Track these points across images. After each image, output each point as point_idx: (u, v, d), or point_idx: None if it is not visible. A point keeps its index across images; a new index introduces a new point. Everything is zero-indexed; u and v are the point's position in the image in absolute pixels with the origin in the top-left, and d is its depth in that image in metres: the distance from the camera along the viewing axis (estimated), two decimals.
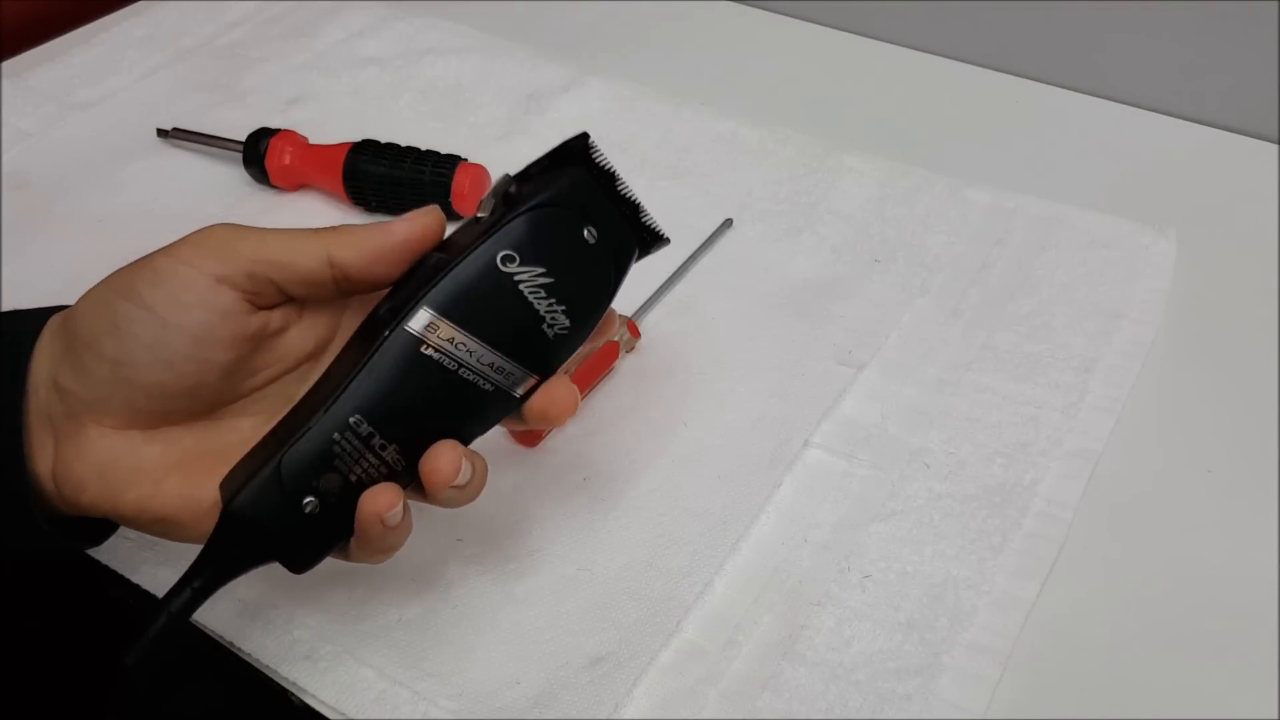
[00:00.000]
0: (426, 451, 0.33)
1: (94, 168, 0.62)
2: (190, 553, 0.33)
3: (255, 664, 0.39)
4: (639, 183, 0.35)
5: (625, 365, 0.50)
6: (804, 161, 0.60)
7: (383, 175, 0.57)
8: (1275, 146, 0.61)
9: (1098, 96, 0.65)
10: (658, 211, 0.37)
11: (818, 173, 0.60)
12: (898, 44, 0.71)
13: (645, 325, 0.51)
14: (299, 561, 0.34)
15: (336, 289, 0.34)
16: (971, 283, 0.53)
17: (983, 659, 0.39)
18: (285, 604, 0.41)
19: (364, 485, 0.33)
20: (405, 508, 0.33)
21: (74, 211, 0.59)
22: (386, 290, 0.35)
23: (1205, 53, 0.61)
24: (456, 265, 0.33)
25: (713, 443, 0.46)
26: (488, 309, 0.33)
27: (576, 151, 0.35)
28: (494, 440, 0.46)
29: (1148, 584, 0.41)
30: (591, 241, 0.34)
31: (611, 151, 0.36)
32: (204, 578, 0.33)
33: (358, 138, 0.59)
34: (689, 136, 0.62)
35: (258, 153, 0.59)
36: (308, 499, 0.32)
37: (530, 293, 0.33)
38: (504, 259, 0.33)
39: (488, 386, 0.34)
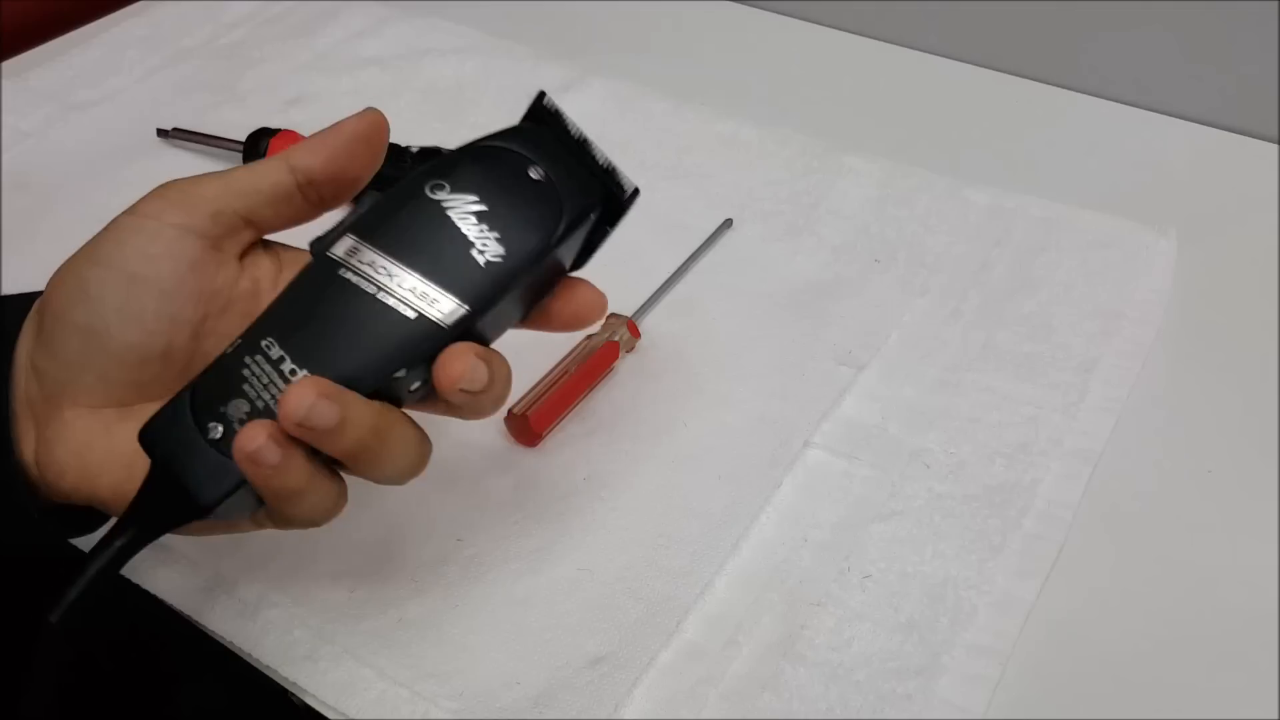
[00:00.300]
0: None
1: (94, 168, 0.62)
2: (187, 544, 0.33)
3: (255, 664, 0.39)
4: (638, 183, 0.35)
5: (625, 365, 0.50)
6: (804, 161, 0.60)
7: (383, 175, 0.56)
8: (1275, 146, 0.61)
9: (1098, 96, 0.65)
10: (658, 211, 0.37)
11: (818, 173, 0.60)
12: (898, 44, 0.71)
13: (645, 325, 0.51)
14: (203, 493, 0.30)
15: (305, 200, 0.34)
16: (971, 283, 0.53)
17: (983, 659, 0.39)
18: (285, 604, 0.41)
19: (272, 411, 0.30)
20: (294, 449, 0.30)
21: (74, 211, 0.59)
22: None
23: (1205, 53, 0.61)
24: (386, 194, 0.32)
25: (713, 443, 0.46)
26: (411, 233, 0.32)
27: (536, 110, 0.34)
28: (494, 440, 0.46)
29: (1148, 584, 0.41)
30: (538, 179, 0.33)
31: (611, 151, 0.35)
32: (130, 530, 0.31)
33: None
34: (689, 136, 0.62)
35: (258, 153, 0.59)
36: (213, 424, 0.30)
37: (459, 218, 0.32)
38: (433, 187, 0.32)
39: (409, 313, 0.31)
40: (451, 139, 0.59)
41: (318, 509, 0.32)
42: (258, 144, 0.59)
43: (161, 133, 0.64)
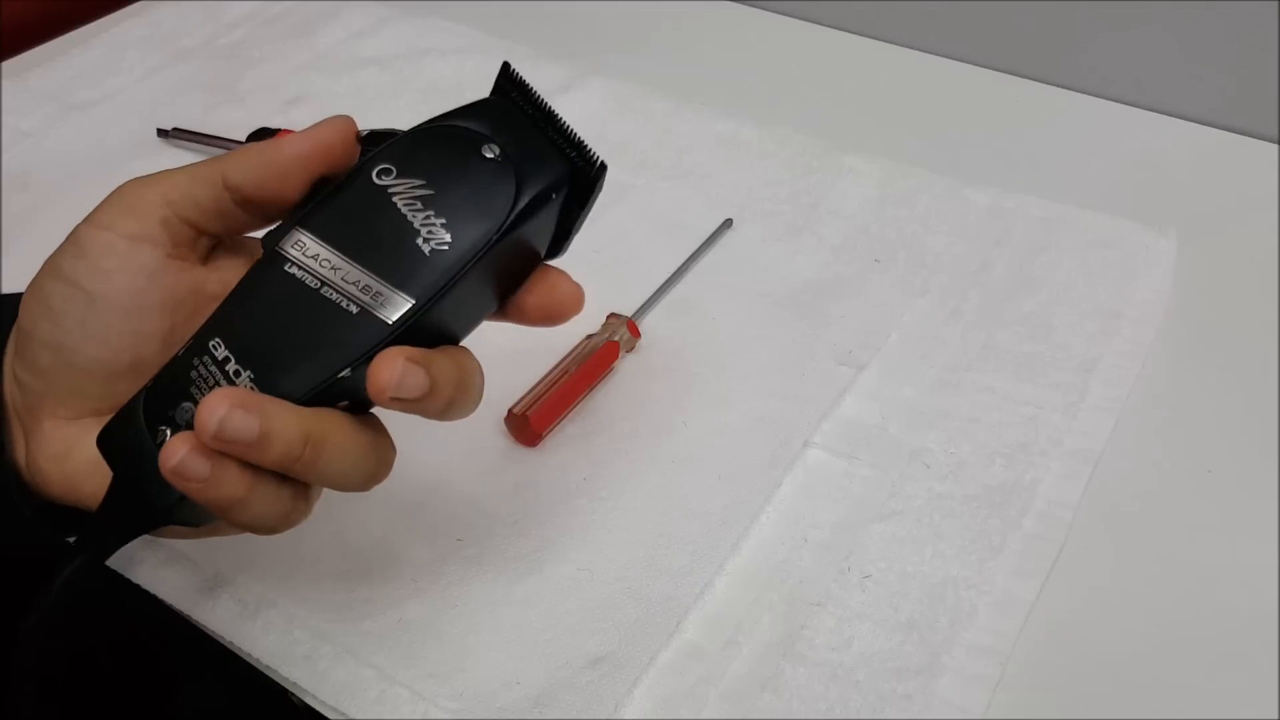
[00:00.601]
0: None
1: (94, 168, 0.62)
2: (187, 545, 0.32)
3: (255, 664, 0.39)
4: (638, 182, 0.35)
5: (625, 365, 0.50)
6: (804, 161, 0.60)
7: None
8: (1275, 146, 0.61)
9: (1098, 96, 0.65)
10: (658, 211, 0.37)
11: (818, 173, 0.60)
12: (898, 44, 0.71)
13: (645, 325, 0.51)
14: (157, 501, 0.29)
15: (247, 216, 0.32)
16: (971, 283, 0.53)
17: (983, 659, 0.39)
18: (285, 604, 0.41)
19: None
20: (224, 460, 0.28)
21: (74, 211, 0.59)
22: None
23: (1205, 53, 0.61)
24: (336, 184, 0.31)
25: (713, 443, 0.46)
26: (356, 224, 0.30)
27: (500, 84, 0.32)
28: (494, 440, 0.46)
29: (1148, 584, 0.41)
30: (492, 158, 0.30)
31: (611, 152, 0.35)
32: (97, 536, 0.30)
33: None
34: (689, 136, 0.62)
35: None
36: (162, 427, 0.29)
37: (404, 205, 0.30)
38: (380, 172, 0.30)
39: (352, 308, 0.29)
40: None
41: (268, 516, 0.30)
42: None
43: (161, 133, 0.64)
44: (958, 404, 0.47)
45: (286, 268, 0.30)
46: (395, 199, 0.30)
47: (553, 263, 0.33)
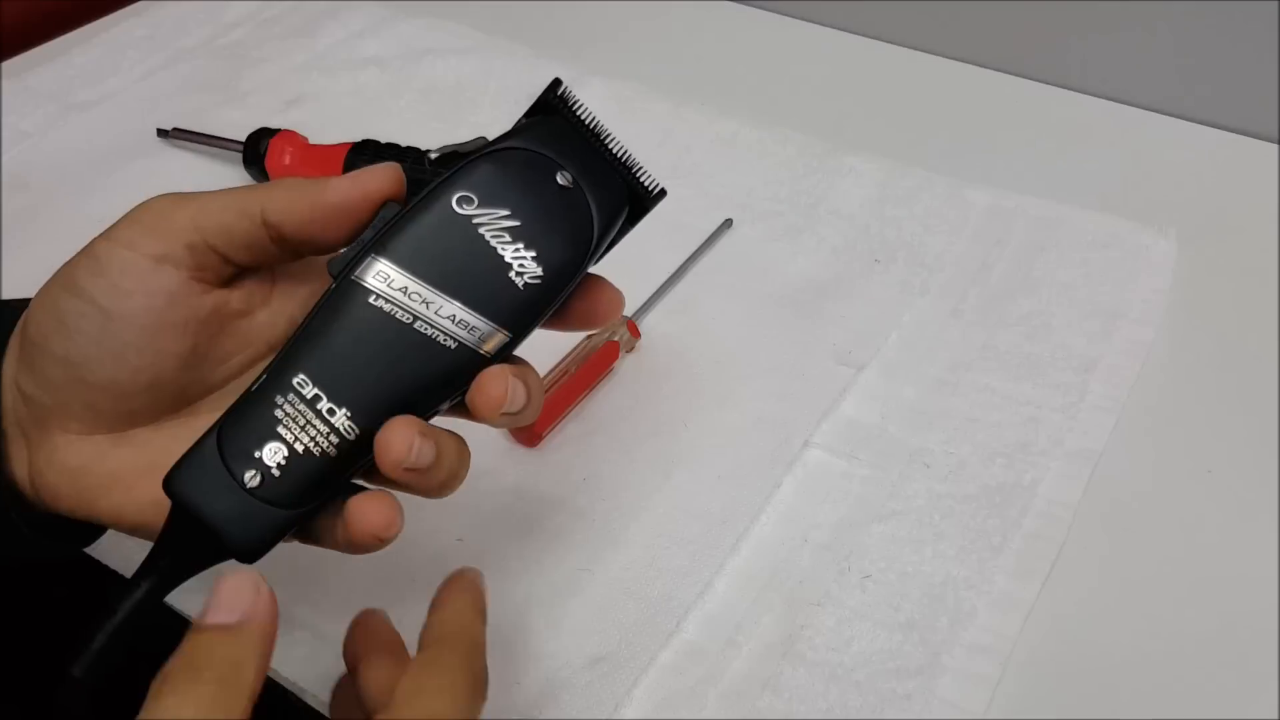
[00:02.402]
0: (383, 425, 0.29)
1: (94, 168, 0.62)
2: None
3: None
4: None
5: (625, 365, 0.50)
6: (804, 161, 0.60)
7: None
8: (1275, 146, 0.61)
9: (1098, 96, 0.66)
10: (658, 211, 0.37)
11: (818, 173, 0.60)
12: (898, 44, 0.71)
13: (645, 325, 0.51)
14: (246, 541, 0.29)
15: (280, 252, 0.31)
16: (971, 283, 0.53)
17: (983, 659, 0.39)
18: (285, 604, 0.40)
19: (313, 456, 0.29)
20: (399, 509, 0.30)
21: (74, 211, 0.59)
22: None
23: (1205, 53, 0.61)
24: (410, 208, 0.30)
25: (712, 443, 0.46)
26: (444, 255, 0.29)
27: (551, 101, 0.31)
28: (494, 440, 0.46)
29: (1148, 584, 0.41)
30: (567, 186, 0.30)
31: None
32: (154, 577, 0.29)
33: (358, 138, 0.59)
34: (689, 136, 0.62)
35: (258, 153, 0.59)
36: (249, 471, 0.29)
37: (493, 237, 0.30)
38: (460, 200, 0.30)
39: (449, 343, 0.29)
40: (451, 139, 0.60)
41: (396, 530, 0.31)
42: (258, 144, 0.59)
43: (161, 133, 0.64)
44: (958, 404, 0.47)
45: (372, 300, 0.29)
46: (481, 230, 0.30)
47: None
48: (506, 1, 0.76)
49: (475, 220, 0.30)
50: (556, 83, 0.31)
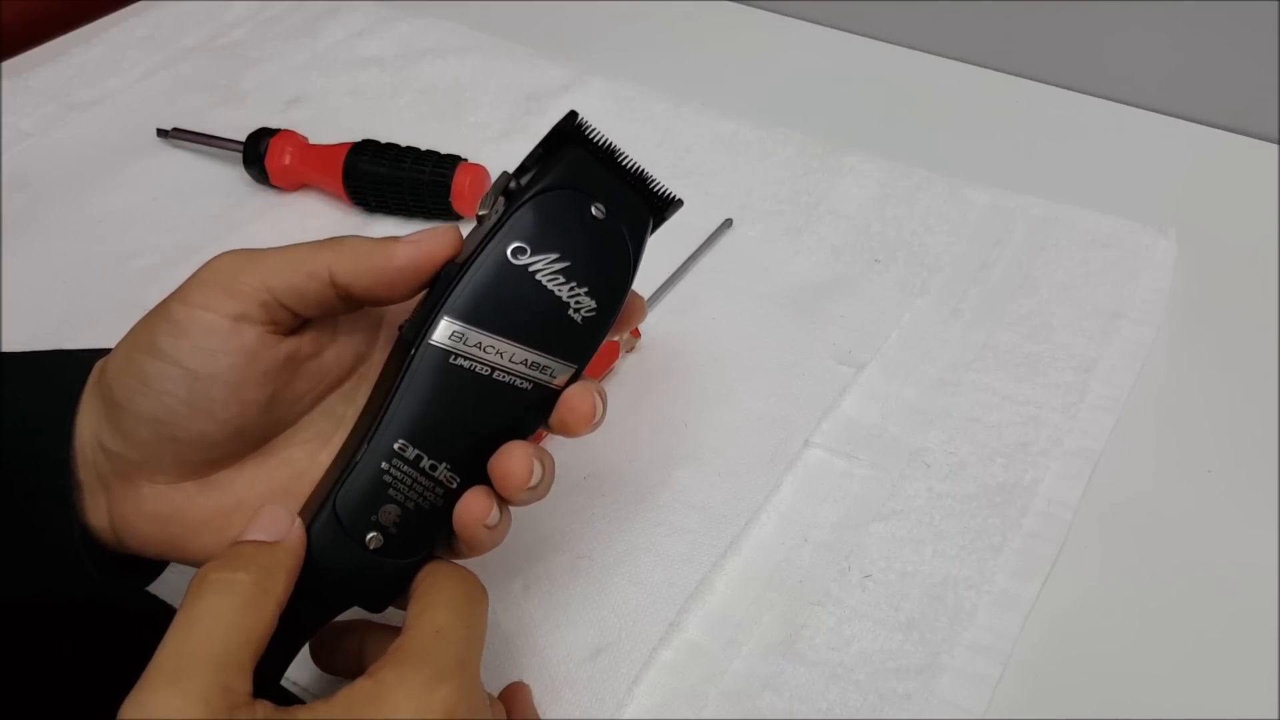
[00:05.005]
0: (496, 456, 0.32)
1: (94, 168, 0.62)
2: None
3: None
4: None
5: (625, 365, 0.50)
6: (804, 161, 0.60)
7: (383, 175, 0.57)
8: (1275, 146, 0.61)
9: (1098, 96, 0.66)
10: None
11: (818, 173, 0.60)
12: (898, 44, 0.71)
13: (645, 325, 0.51)
14: (378, 599, 0.33)
15: (345, 306, 0.33)
16: (971, 283, 0.53)
17: (983, 659, 0.39)
18: None
19: (423, 510, 0.32)
20: (500, 504, 0.33)
21: (74, 211, 0.59)
22: (416, 297, 0.34)
23: (1205, 53, 0.61)
24: (469, 269, 0.32)
25: (713, 442, 0.46)
26: (509, 306, 0.32)
27: (569, 132, 0.33)
28: None
29: (1148, 584, 0.41)
30: (601, 217, 0.33)
31: None
32: (284, 639, 0.30)
33: (358, 138, 0.59)
34: (689, 136, 0.63)
35: (258, 153, 0.59)
36: (370, 535, 0.32)
37: (549, 281, 0.32)
38: (515, 252, 0.32)
39: (525, 385, 0.33)
40: (451, 139, 0.60)
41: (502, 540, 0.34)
42: (258, 144, 0.59)
43: (161, 133, 0.64)
44: (958, 404, 0.47)
45: (453, 360, 0.32)
46: (539, 277, 0.32)
47: None
48: (506, 1, 0.76)
49: (532, 269, 0.32)
50: (573, 114, 0.33)
